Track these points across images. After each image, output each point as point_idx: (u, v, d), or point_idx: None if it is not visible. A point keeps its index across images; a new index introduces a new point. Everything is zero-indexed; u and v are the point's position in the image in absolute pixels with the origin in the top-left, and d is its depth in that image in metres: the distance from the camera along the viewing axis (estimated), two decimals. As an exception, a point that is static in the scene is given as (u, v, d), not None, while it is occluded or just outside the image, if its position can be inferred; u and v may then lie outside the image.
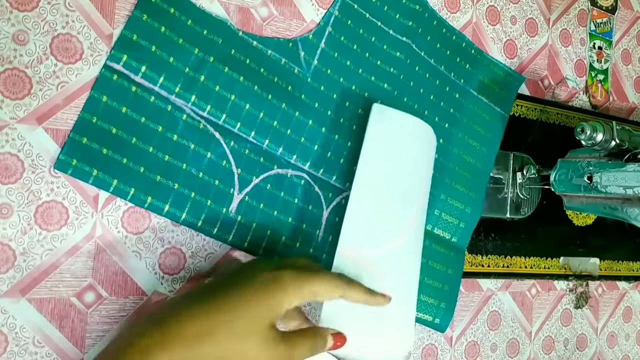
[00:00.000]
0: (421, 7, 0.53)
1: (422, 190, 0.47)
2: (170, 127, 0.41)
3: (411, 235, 0.45)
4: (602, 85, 0.70)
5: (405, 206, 0.45)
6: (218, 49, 0.43)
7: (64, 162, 0.38)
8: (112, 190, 0.39)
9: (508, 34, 0.61)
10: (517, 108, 0.61)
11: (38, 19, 0.38)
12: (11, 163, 0.37)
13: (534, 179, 0.60)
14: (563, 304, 0.65)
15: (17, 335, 0.37)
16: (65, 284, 0.39)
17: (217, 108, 0.43)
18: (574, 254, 0.65)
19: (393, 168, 0.45)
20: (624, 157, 0.53)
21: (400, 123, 0.47)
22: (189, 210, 0.42)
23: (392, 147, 0.46)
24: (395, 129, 0.46)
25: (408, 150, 0.47)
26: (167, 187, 0.41)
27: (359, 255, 0.42)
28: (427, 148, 0.49)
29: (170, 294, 0.42)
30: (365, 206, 0.43)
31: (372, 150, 0.45)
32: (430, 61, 0.54)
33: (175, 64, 0.41)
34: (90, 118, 0.39)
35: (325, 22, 0.49)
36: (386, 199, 0.44)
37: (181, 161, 0.42)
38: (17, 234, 0.37)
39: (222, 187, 0.43)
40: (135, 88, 0.40)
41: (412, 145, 0.47)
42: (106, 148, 0.39)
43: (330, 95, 0.48)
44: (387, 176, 0.45)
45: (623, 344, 0.71)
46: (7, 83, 0.37)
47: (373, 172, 0.45)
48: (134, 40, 0.40)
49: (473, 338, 0.58)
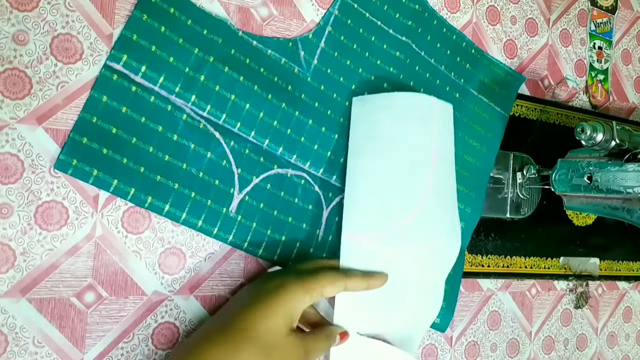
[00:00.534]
0: (421, 7, 0.53)
1: (431, 162, 0.45)
2: (170, 127, 0.41)
3: (425, 208, 0.44)
4: (602, 85, 0.70)
5: (411, 183, 0.45)
6: (218, 49, 0.43)
7: (64, 162, 0.38)
8: (112, 190, 0.39)
9: (508, 34, 0.61)
10: (517, 108, 0.61)
11: (38, 19, 0.38)
12: (11, 163, 0.37)
13: (534, 179, 0.60)
14: (563, 304, 0.65)
15: (17, 335, 0.37)
16: (65, 284, 0.39)
17: (217, 108, 0.43)
18: (574, 254, 0.65)
19: (387, 149, 0.45)
20: (624, 157, 0.53)
21: (386, 104, 0.47)
22: (189, 210, 0.42)
23: (381, 130, 0.46)
24: (381, 111, 0.47)
25: (401, 127, 0.46)
26: (167, 187, 0.41)
27: (367, 238, 0.43)
28: (428, 118, 0.46)
29: (171, 294, 0.42)
30: (362, 190, 0.44)
31: (360, 137, 0.46)
32: (431, 61, 0.54)
33: (175, 63, 0.41)
34: (90, 118, 0.39)
35: (325, 22, 0.49)
36: (385, 180, 0.44)
37: (181, 161, 0.42)
38: (17, 234, 0.37)
39: (222, 187, 0.43)
40: (135, 88, 0.40)
41: (405, 121, 0.46)
42: (106, 148, 0.39)
43: (330, 95, 0.48)
44: (382, 158, 0.45)
45: (623, 344, 0.71)
46: (7, 83, 0.37)
47: (365, 158, 0.45)
48: (134, 40, 0.40)
49: (473, 338, 0.58)
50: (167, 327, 0.42)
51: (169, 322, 0.42)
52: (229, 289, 0.45)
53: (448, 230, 0.46)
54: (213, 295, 0.44)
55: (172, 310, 0.42)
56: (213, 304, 0.44)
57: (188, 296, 0.43)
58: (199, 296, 0.43)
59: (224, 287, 0.44)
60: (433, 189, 0.44)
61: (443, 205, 0.46)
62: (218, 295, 0.44)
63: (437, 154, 0.45)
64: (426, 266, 0.45)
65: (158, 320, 0.42)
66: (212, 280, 0.44)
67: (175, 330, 0.43)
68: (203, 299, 0.44)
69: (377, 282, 0.42)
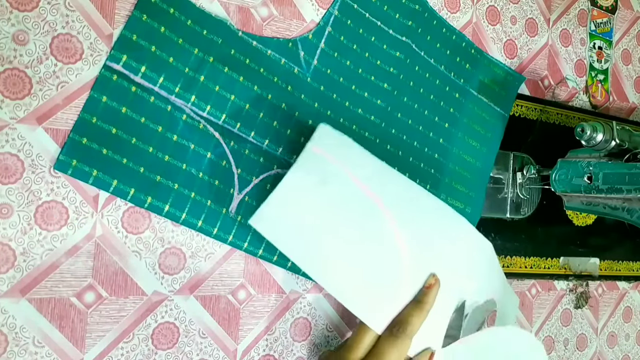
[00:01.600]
0: (421, 7, 0.53)
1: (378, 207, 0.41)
2: (170, 127, 0.41)
3: (410, 243, 0.41)
4: (602, 85, 0.70)
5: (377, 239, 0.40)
6: (218, 49, 0.43)
7: (64, 162, 0.38)
8: (112, 190, 0.39)
9: (508, 34, 0.61)
10: (517, 108, 0.61)
11: (38, 19, 0.38)
12: (11, 163, 0.37)
13: (534, 179, 0.60)
14: (563, 304, 0.65)
15: (17, 335, 0.37)
16: (65, 284, 0.39)
17: (217, 108, 0.43)
18: (574, 254, 0.65)
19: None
20: (624, 157, 0.53)
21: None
22: (189, 210, 0.42)
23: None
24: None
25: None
26: (167, 187, 0.41)
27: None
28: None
29: (171, 294, 0.42)
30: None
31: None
32: (430, 61, 0.54)
33: (175, 64, 0.41)
34: (90, 118, 0.39)
35: (325, 22, 0.49)
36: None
37: (181, 161, 0.42)
38: (17, 234, 0.37)
39: (222, 187, 0.43)
40: (135, 88, 0.40)
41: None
42: (106, 148, 0.39)
43: (330, 95, 0.48)
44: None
45: (623, 344, 0.71)
46: (7, 83, 0.37)
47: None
48: (133, 40, 0.40)
49: (473, 338, 0.58)
50: (167, 327, 0.42)
51: (169, 322, 0.42)
52: (229, 289, 0.45)
53: (449, 232, 0.44)
54: (213, 295, 0.44)
55: (172, 310, 0.42)
56: (213, 304, 0.44)
57: (188, 296, 0.43)
58: (199, 296, 0.43)
59: (224, 287, 0.44)
60: (401, 225, 0.41)
61: (425, 222, 0.43)
62: (218, 295, 0.44)
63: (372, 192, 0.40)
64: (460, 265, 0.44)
65: (158, 320, 0.42)
66: (212, 280, 0.44)
67: (175, 330, 0.43)
68: (203, 299, 0.44)
69: (429, 298, 0.40)
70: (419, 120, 0.53)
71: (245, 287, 0.45)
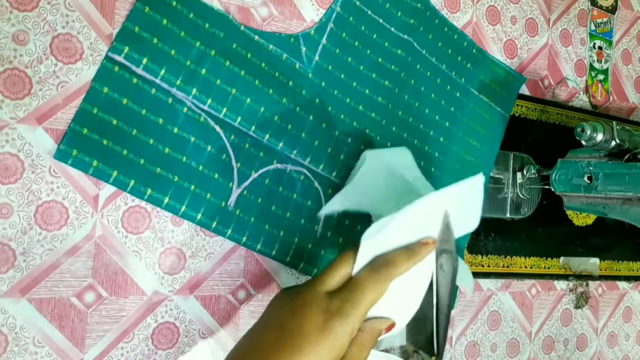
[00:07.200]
0: (423, 5, 0.53)
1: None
2: (171, 120, 0.41)
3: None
4: (602, 85, 0.70)
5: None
6: (219, 43, 0.43)
7: (64, 152, 0.38)
8: (112, 181, 0.39)
9: (508, 34, 0.61)
10: (517, 108, 0.61)
11: (38, 19, 0.38)
12: (11, 163, 0.37)
13: (534, 179, 0.60)
14: (563, 304, 0.65)
15: (17, 335, 0.37)
16: (65, 284, 0.39)
17: (218, 102, 0.43)
18: (574, 254, 0.65)
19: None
20: (624, 157, 0.53)
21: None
22: (188, 203, 0.42)
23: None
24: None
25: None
26: (167, 179, 0.41)
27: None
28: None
29: (171, 294, 0.42)
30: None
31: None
32: (432, 59, 0.54)
33: (176, 56, 0.41)
34: (91, 109, 0.39)
35: (327, 19, 0.49)
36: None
37: (181, 154, 0.42)
38: (17, 234, 0.37)
39: (222, 180, 0.43)
40: (137, 80, 0.40)
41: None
42: (106, 139, 0.39)
43: (331, 91, 0.48)
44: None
45: (623, 344, 0.71)
46: (7, 83, 0.37)
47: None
48: (135, 32, 0.40)
49: (473, 338, 0.58)
50: (167, 327, 0.42)
51: (169, 322, 0.42)
52: (229, 289, 0.45)
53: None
54: (213, 295, 0.44)
55: (172, 310, 0.42)
56: (213, 304, 0.44)
57: (188, 296, 0.43)
58: (199, 296, 0.43)
59: (223, 287, 0.44)
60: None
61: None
62: (218, 295, 0.44)
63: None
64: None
65: (158, 320, 0.42)
66: (212, 280, 0.44)
67: (175, 330, 0.43)
68: (203, 299, 0.44)
69: (425, 251, 0.35)
70: (419, 119, 0.53)
71: (245, 287, 0.45)
